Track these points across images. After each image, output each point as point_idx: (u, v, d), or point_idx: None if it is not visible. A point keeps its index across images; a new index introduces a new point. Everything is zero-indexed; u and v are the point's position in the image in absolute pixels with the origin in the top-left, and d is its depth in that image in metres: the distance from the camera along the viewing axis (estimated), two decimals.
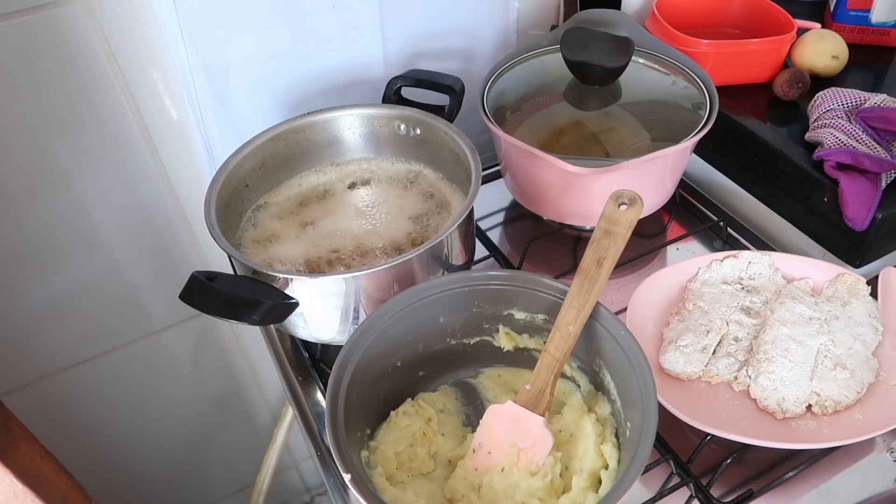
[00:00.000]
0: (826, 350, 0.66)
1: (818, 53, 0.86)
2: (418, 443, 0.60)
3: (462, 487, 0.57)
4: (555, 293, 0.60)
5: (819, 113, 0.79)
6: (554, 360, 0.57)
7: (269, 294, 0.60)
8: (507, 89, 0.83)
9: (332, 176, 0.80)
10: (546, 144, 0.77)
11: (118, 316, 0.97)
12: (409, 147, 0.79)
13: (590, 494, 0.55)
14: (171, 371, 1.08)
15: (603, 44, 0.80)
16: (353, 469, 0.49)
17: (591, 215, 0.80)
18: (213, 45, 0.77)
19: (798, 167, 0.77)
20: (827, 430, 0.61)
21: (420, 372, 0.65)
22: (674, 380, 0.67)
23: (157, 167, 0.87)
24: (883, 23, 0.92)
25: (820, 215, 0.76)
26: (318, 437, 0.70)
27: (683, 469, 0.62)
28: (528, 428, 0.57)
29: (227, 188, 0.70)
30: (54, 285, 0.89)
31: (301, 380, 0.76)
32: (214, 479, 1.30)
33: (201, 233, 0.95)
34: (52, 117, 0.77)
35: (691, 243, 0.85)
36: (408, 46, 0.89)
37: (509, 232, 0.90)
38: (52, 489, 0.61)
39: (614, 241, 0.58)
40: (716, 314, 0.70)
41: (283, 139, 0.76)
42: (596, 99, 0.82)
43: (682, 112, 0.79)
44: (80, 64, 0.75)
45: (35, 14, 0.70)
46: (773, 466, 0.63)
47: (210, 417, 1.20)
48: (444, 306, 0.62)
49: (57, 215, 0.84)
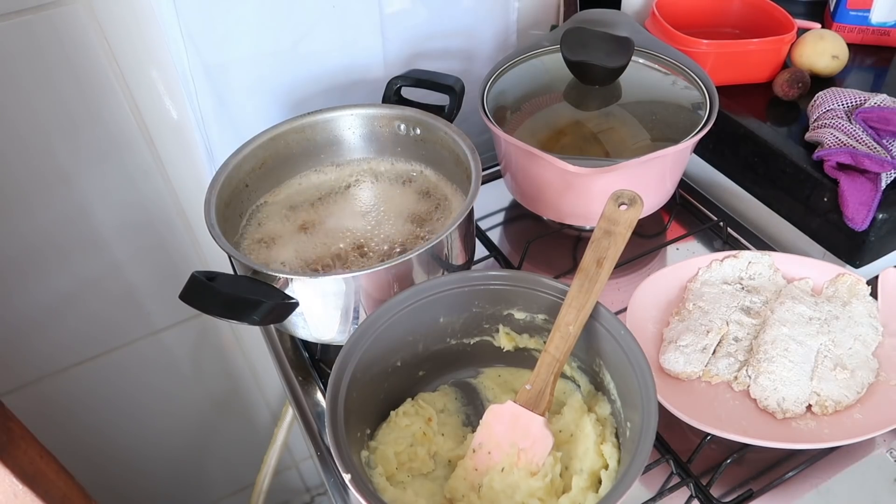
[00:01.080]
0: (826, 350, 0.66)
1: (818, 53, 0.86)
2: (418, 443, 0.60)
3: (462, 487, 0.57)
4: (555, 293, 0.60)
5: (819, 113, 0.79)
6: (554, 360, 0.57)
7: (269, 294, 0.60)
8: (507, 89, 0.83)
9: (332, 176, 0.80)
10: (546, 144, 0.77)
11: (118, 316, 0.97)
12: (409, 147, 0.79)
13: (590, 494, 0.55)
14: (172, 371, 1.08)
15: (603, 44, 0.80)
16: (353, 469, 0.49)
17: (591, 215, 0.80)
18: (213, 45, 0.77)
19: (798, 167, 0.77)
20: (827, 430, 0.61)
21: (420, 372, 0.65)
22: (674, 380, 0.67)
23: (157, 167, 0.87)
24: (883, 23, 0.92)
25: (820, 215, 0.76)
26: (318, 437, 0.70)
27: (683, 469, 0.62)
28: (528, 428, 0.57)
29: (227, 188, 0.70)
30: (54, 285, 0.89)
31: (301, 380, 0.76)
32: (214, 478, 1.30)
33: (201, 233, 0.95)
34: (52, 117, 0.77)
35: (691, 243, 0.85)
36: (408, 46, 0.89)
37: (509, 232, 0.90)
38: (52, 489, 0.61)
39: (614, 241, 0.58)
40: (716, 314, 0.70)
41: (283, 139, 0.76)
42: (596, 99, 0.82)
43: (682, 112, 0.79)
44: (80, 64, 0.75)
45: (35, 14, 0.70)
46: (773, 466, 0.63)
47: (210, 417, 1.20)
48: (444, 306, 0.62)
49: (57, 215, 0.84)
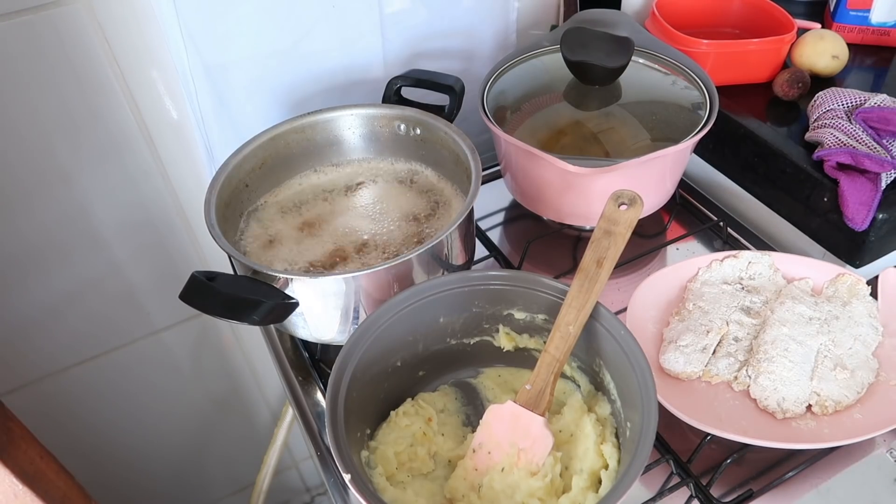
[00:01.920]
0: (826, 350, 0.66)
1: (818, 53, 0.86)
2: (418, 443, 0.60)
3: (462, 487, 0.57)
4: (555, 293, 0.60)
5: (819, 113, 0.79)
6: (554, 360, 0.57)
7: (269, 294, 0.60)
8: (507, 89, 0.83)
9: (332, 176, 0.80)
10: (546, 144, 0.77)
11: (118, 316, 0.97)
12: (409, 147, 0.79)
13: (590, 494, 0.55)
14: (172, 371, 1.08)
15: (603, 44, 0.80)
16: (353, 469, 0.49)
17: (591, 215, 0.80)
18: (213, 45, 0.77)
19: (798, 167, 0.77)
20: (827, 430, 0.61)
21: (420, 372, 0.65)
22: (673, 380, 0.66)
23: (157, 167, 0.87)
24: (883, 23, 0.92)
25: (820, 215, 0.76)
26: (318, 437, 0.70)
27: (683, 469, 0.62)
28: (528, 428, 0.57)
29: (227, 188, 0.70)
30: (54, 285, 0.89)
31: (301, 380, 0.76)
32: (214, 478, 1.30)
33: (201, 233, 0.95)
34: (52, 117, 0.77)
35: (691, 243, 0.85)
36: (408, 46, 0.89)
37: (509, 232, 0.90)
38: (52, 489, 0.61)
39: (614, 240, 0.58)
40: (716, 314, 0.70)
41: (283, 139, 0.76)
42: (596, 99, 0.82)
43: (682, 112, 0.79)
44: (81, 64, 0.75)
45: (35, 14, 0.70)
46: (773, 466, 0.63)
47: (210, 417, 1.20)
48: (444, 306, 0.62)
49: (57, 215, 0.84)
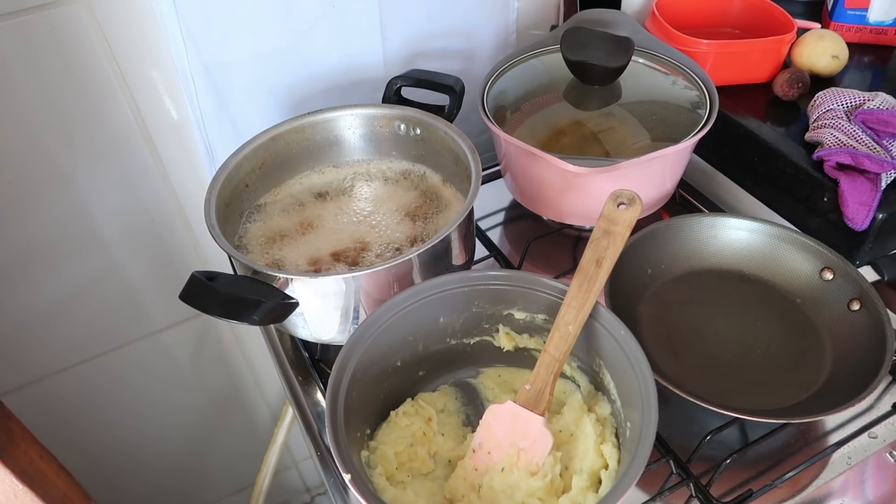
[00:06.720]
0: None
1: (818, 53, 0.86)
2: (418, 443, 0.60)
3: (462, 487, 0.57)
4: (555, 293, 0.60)
5: (819, 113, 0.79)
6: (554, 360, 0.57)
7: (269, 294, 0.60)
8: (507, 89, 0.83)
9: (332, 176, 0.80)
10: (546, 144, 0.77)
11: (118, 316, 0.97)
12: (409, 147, 0.79)
13: (590, 494, 0.55)
14: (172, 371, 1.08)
15: (603, 44, 0.80)
16: (353, 469, 0.49)
17: (591, 215, 0.79)
18: (213, 44, 0.77)
19: (798, 167, 0.77)
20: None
21: (420, 372, 0.65)
22: None
23: (157, 167, 0.87)
24: (880, 21, 0.92)
25: (820, 215, 0.76)
26: (318, 437, 0.70)
27: (683, 469, 0.62)
28: (528, 428, 0.57)
29: (227, 188, 0.70)
30: (54, 285, 0.89)
31: (301, 380, 0.76)
32: (214, 479, 1.30)
33: (201, 233, 0.95)
34: (52, 117, 0.77)
35: None
36: (407, 46, 0.89)
37: (509, 232, 0.90)
38: (52, 489, 0.61)
39: (613, 240, 0.58)
40: None
41: (283, 139, 0.76)
42: (596, 99, 0.82)
43: (682, 112, 0.79)
44: (80, 64, 0.75)
45: (35, 14, 0.70)
46: (773, 466, 0.63)
47: (210, 417, 1.20)
48: (444, 306, 0.62)
49: (57, 215, 0.84)
